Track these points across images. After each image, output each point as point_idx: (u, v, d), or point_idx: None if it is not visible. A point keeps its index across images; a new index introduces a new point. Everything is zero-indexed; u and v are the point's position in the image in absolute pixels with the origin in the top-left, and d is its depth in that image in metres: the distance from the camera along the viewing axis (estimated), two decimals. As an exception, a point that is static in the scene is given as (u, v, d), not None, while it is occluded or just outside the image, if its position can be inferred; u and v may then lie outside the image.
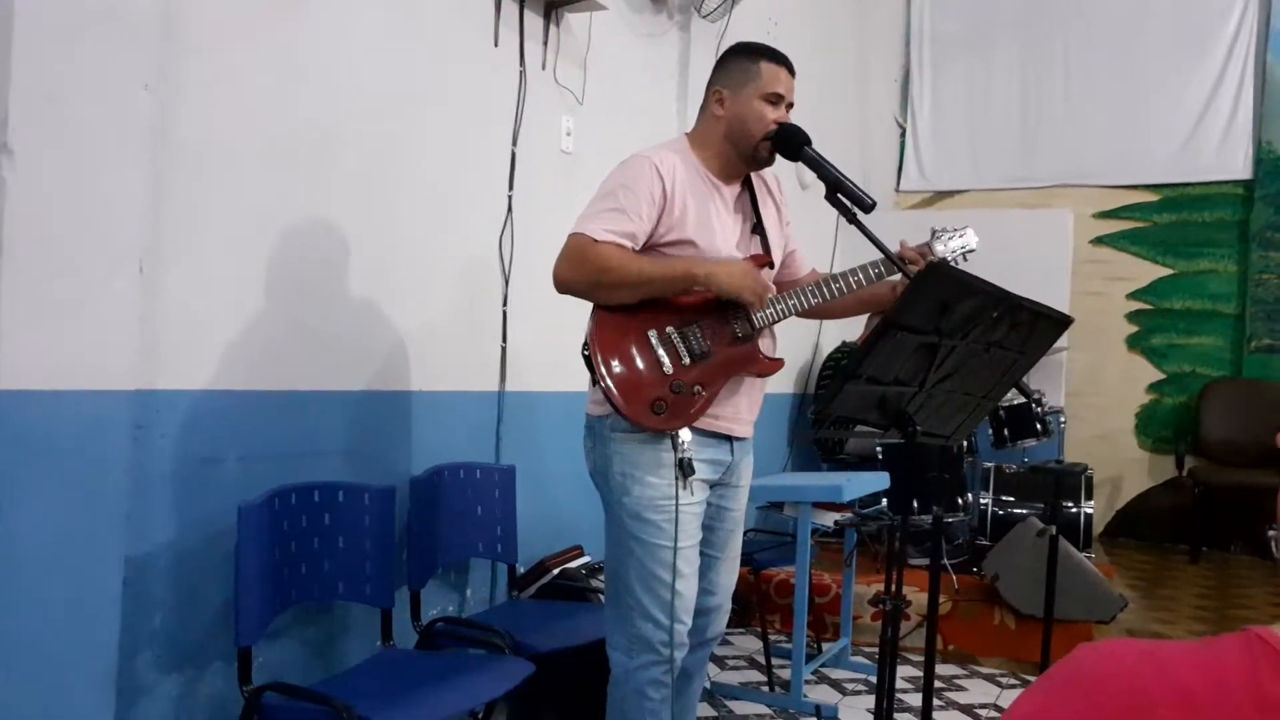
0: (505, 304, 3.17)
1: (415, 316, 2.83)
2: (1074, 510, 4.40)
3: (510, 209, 3.16)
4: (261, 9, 2.36)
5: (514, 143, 3.18)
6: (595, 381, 2.13)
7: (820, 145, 2.21)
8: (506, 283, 3.17)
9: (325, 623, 2.57)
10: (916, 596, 3.67)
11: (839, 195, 2.17)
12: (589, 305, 2.19)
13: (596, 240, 2.07)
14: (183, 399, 2.22)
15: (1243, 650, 0.60)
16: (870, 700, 3.46)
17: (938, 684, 3.58)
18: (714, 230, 2.20)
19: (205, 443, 2.26)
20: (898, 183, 6.53)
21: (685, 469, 2.11)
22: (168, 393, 2.18)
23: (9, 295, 1.85)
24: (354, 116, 2.61)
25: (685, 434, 2.12)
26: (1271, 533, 0.73)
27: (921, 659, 3.75)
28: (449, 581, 2.99)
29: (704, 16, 4.07)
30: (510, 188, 3.17)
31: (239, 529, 2.12)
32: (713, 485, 2.25)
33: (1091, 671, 0.64)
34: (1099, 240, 6.02)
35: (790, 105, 2.25)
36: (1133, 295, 5.97)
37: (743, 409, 2.26)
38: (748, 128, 2.20)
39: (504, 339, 3.18)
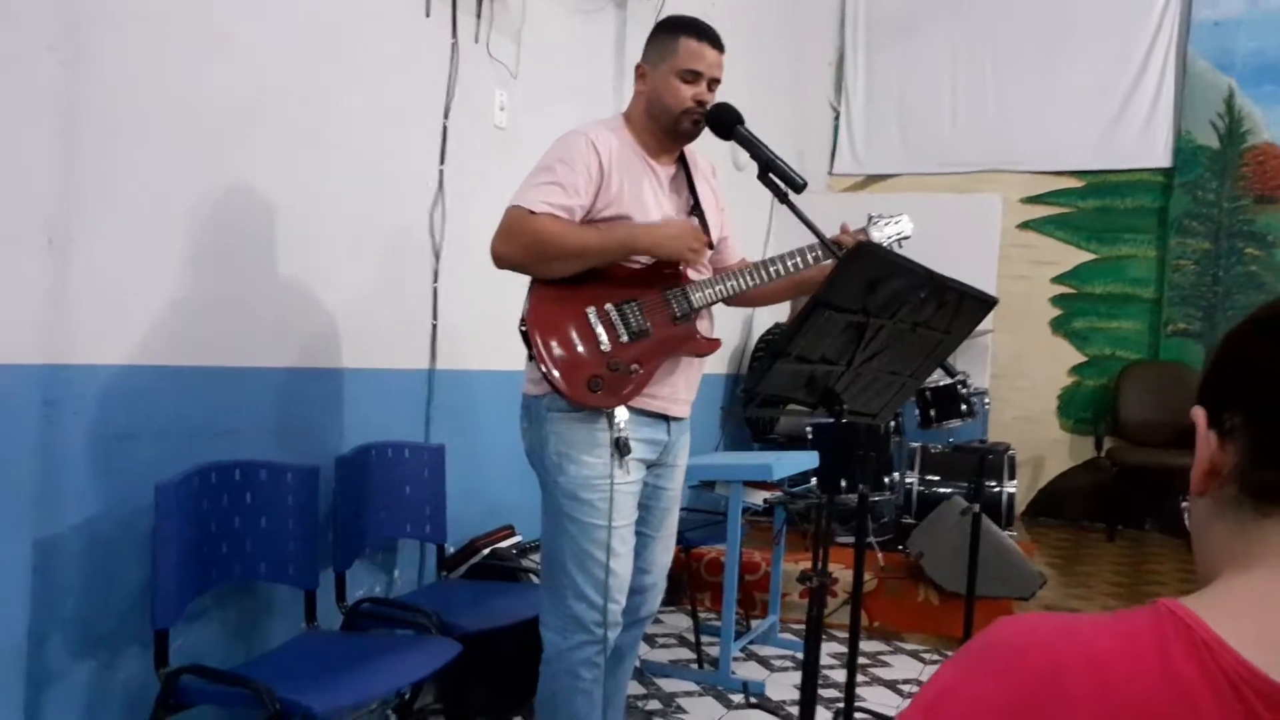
0: (436, 280, 3.12)
1: (343, 292, 2.77)
2: (997, 490, 4.50)
3: (442, 183, 3.11)
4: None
5: (445, 116, 3.12)
6: (532, 358, 2.12)
7: (755, 126, 2.21)
8: (437, 258, 3.12)
9: (247, 604, 2.51)
10: (843, 574, 3.72)
11: (771, 175, 2.18)
12: (524, 283, 2.17)
13: (534, 212, 2.06)
14: (97, 374, 2.14)
15: (1152, 622, 0.62)
16: (798, 677, 3.51)
17: (863, 660, 3.65)
18: (649, 208, 2.19)
19: (122, 420, 2.18)
20: (831, 165, 6.59)
21: (621, 448, 2.11)
22: (81, 368, 2.10)
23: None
24: (278, 85, 2.53)
25: (622, 413, 2.12)
26: (1184, 504, 0.75)
27: (846, 635, 3.82)
28: (376, 562, 2.95)
29: (639, -7, 4.04)
30: (442, 162, 3.12)
31: (156, 508, 2.06)
32: (649, 465, 2.25)
33: (1009, 643, 0.65)
34: (1025, 225, 6.15)
35: (715, 81, 2.23)
36: (1057, 279, 6.12)
37: (680, 389, 2.26)
38: (664, 103, 2.20)
39: (435, 316, 3.13)
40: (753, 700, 3.27)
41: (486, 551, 3.08)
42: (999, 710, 0.61)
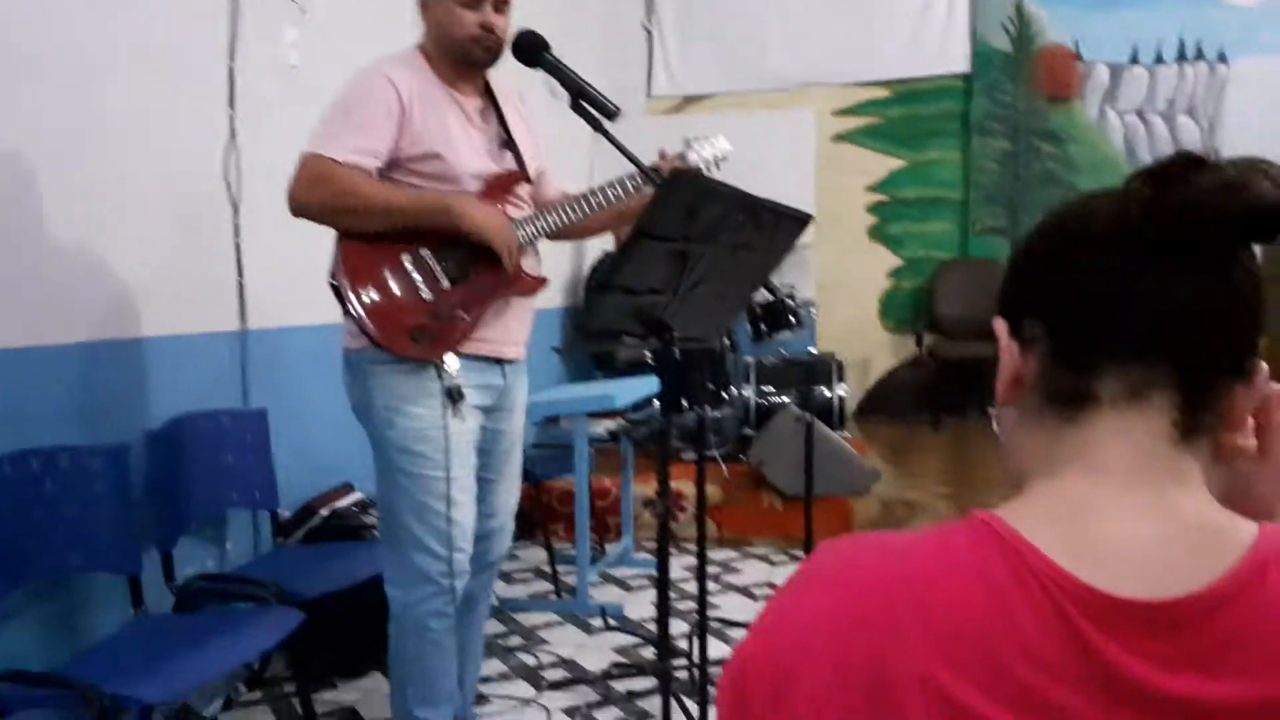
0: (238, 235, 2.93)
1: (134, 255, 2.56)
2: (828, 395, 4.69)
3: (233, 130, 2.90)
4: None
5: (231, 57, 2.90)
6: (347, 312, 2.02)
7: (566, 52, 2.13)
8: (236, 211, 2.92)
9: (64, 598, 2.34)
10: (690, 489, 3.81)
11: (583, 103, 2.11)
12: (334, 232, 2.06)
13: (339, 161, 1.95)
14: None
15: (969, 536, 0.63)
16: (654, 594, 3.59)
17: (714, 569, 3.76)
18: (457, 141, 2.11)
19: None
20: (648, 89, 6.55)
21: (454, 396, 2.05)
22: None
23: None
24: (42, 39, 2.28)
25: (452, 361, 2.06)
26: (992, 411, 0.77)
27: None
28: (205, 537, 2.80)
29: (434, -85, 3.84)
30: (231, 106, 2.90)
31: (-57, 509, 1.87)
32: (486, 410, 2.20)
33: (835, 565, 0.66)
34: (839, 137, 6.31)
35: (503, 3, 2.13)
36: (871, 188, 6.32)
37: (513, 329, 2.22)
38: (449, 33, 2.10)
39: (240, 273, 2.94)
40: (612, 623, 3.33)
41: (325, 513, 2.97)
42: (830, 630, 0.61)
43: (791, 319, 4.68)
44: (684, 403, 4.51)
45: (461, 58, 2.12)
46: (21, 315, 2.25)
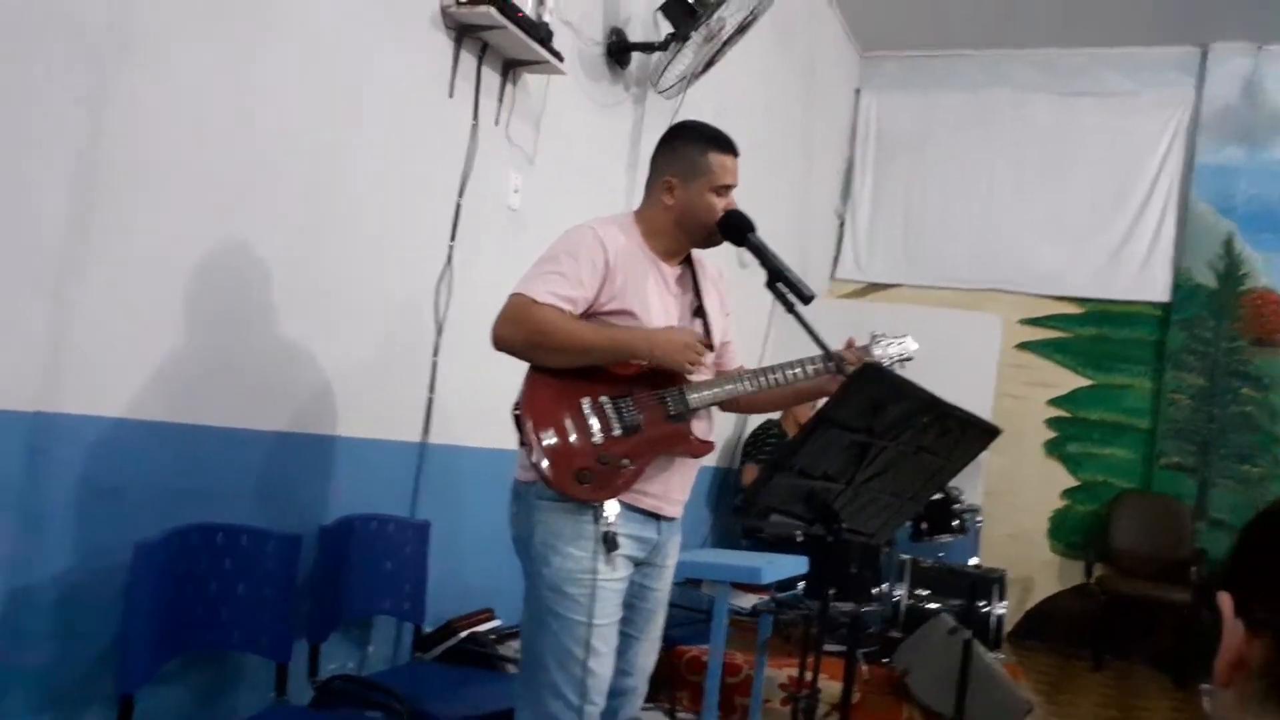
0: (436, 354, 3.11)
1: (340, 359, 2.75)
2: (986, 610, 4.44)
3: (450, 259, 3.13)
4: (217, 33, 2.31)
5: (460, 194, 3.16)
6: (523, 443, 2.09)
7: (762, 228, 2.22)
8: (439, 332, 3.12)
9: (216, 672, 2.43)
10: (826, 684, 3.64)
11: (779, 285, 2.18)
12: (523, 364, 2.16)
13: (537, 301, 2.06)
14: (87, 426, 2.11)
15: None
16: (771, 790, 3.40)
17: (839, 777, 3.53)
18: (651, 305, 2.19)
19: (107, 473, 2.15)
20: (833, 271, 6.66)
21: (608, 543, 2.07)
22: (72, 417, 2.07)
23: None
24: (297, 148, 2.56)
25: (611, 507, 2.09)
26: (1205, 689, 0.72)
27: (827, 752, 3.71)
28: (351, 637, 2.87)
29: (660, 92, 4.13)
30: (452, 238, 3.14)
31: (133, 567, 2.00)
32: (637, 563, 2.20)
33: None
34: (1024, 346, 6.20)
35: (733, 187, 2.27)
36: (1053, 402, 6.13)
37: (674, 488, 2.23)
38: (699, 218, 2.23)
39: (431, 389, 3.11)
40: (724, 813, 3.16)
41: (464, 635, 3.00)
42: None
43: (956, 522, 4.55)
44: (831, 591, 4.37)
45: (702, 240, 2.26)
46: (234, 397, 2.44)
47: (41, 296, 1.95)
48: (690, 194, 2.22)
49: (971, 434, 2.07)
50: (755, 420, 5.51)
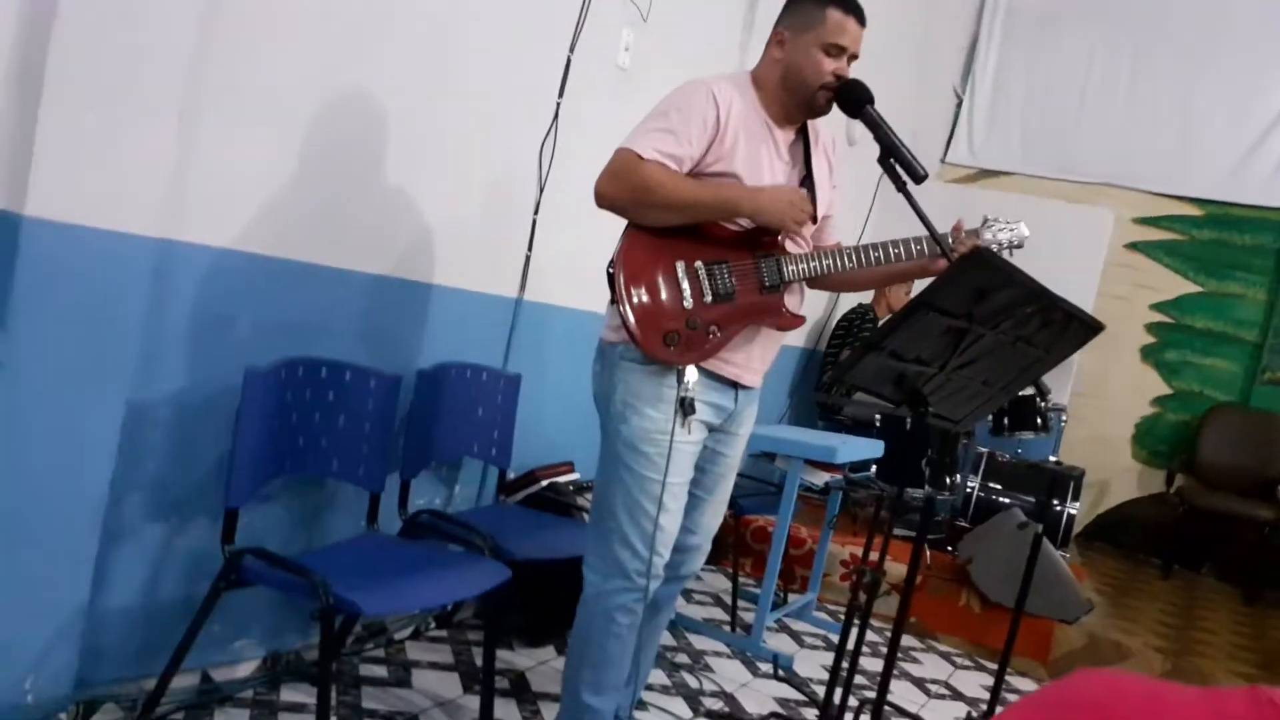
0: (537, 212, 3.14)
1: (445, 210, 2.80)
2: (1058, 509, 4.43)
3: (556, 117, 3.11)
4: None
5: (571, 50, 3.11)
6: (613, 302, 2.11)
7: (875, 101, 2.14)
8: (541, 191, 3.13)
9: (314, 497, 2.59)
10: (890, 565, 3.71)
11: (892, 161, 2.12)
12: (619, 226, 2.16)
13: (643, 157, 2.04)
14: (204, 254, 2.21)
15: (1251, 708, 0.60)
16: (826, 657, 3.53)
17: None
18: (762, 172, 2.16)
19: (221, 301, 2.25)
20: (944, 154, 6.42)
21: (686, 408, 2.10)
22: (190, 246, 2.17)
23: (46, 125, 1.83)
24: (410, 2, 2.54)
25: (691, 373, 2.11)
26: None
27: (880, 625, 3.82)
28: (440, 476, 3.02)
29: (783, -51, 3.95)
30: (560, 95, 3.11)
31: (243, 391, 2.12)
32: (711, 429, 2.25)
33: (1093, 701, 0.63)
34: (1133, 246, 5.95)
35: (854, 57, 2.18)
36: (1156, 306, 5.92)
37: (755, 358, 2.24)
38: (803, 75, 2.14)
39: (530, 247, 3.15)
40: (780, 673, 3.30)
41: (545, 484, 3.13)
42: None
43: (1039, 420, 4.48)
44: (902, 475, 4.40)
45: (805, 100, 2.17)
46: (340, 238, 2.51)
47: (168, 127, 2.00)
48: (798, 48, 2.14)
49: (1074, 328, 2.02)
50: (845, 304, 5.46)
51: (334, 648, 2.33)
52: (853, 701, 3.00)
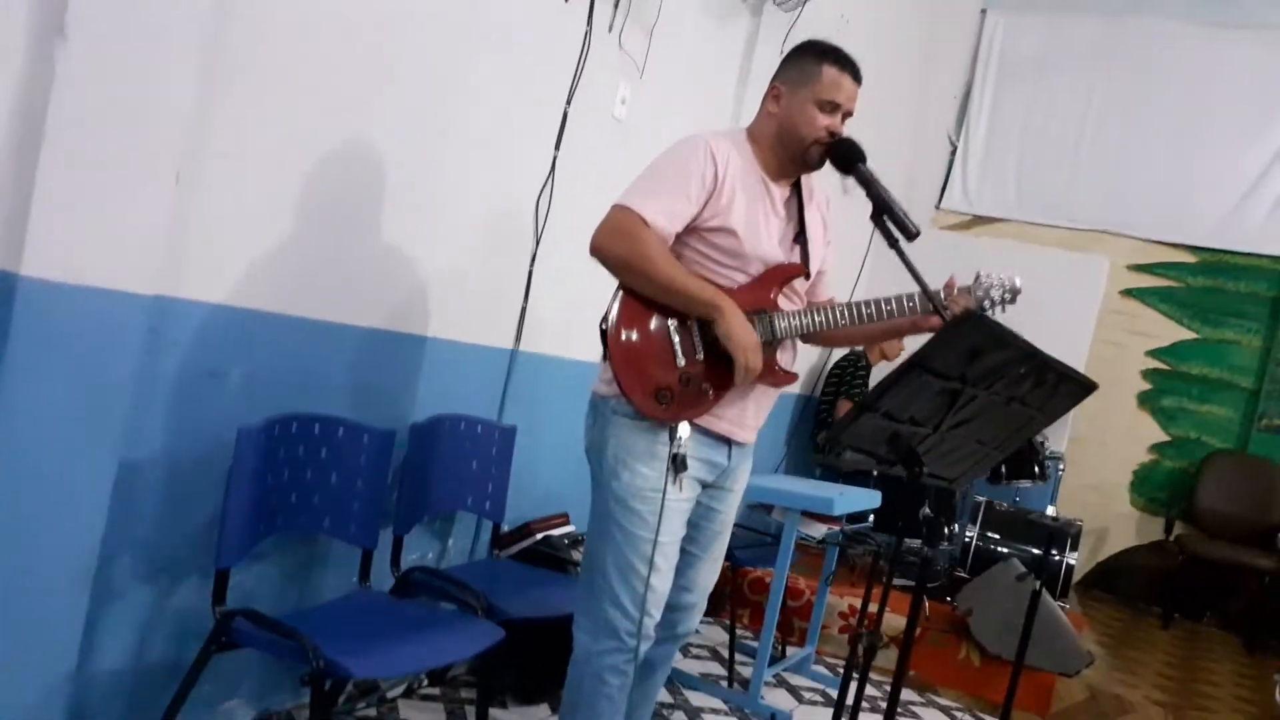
0: (533, 263, 3.15)
1: (441, 262, 2.80)
2: (1057, 559, 4.40)
3: (554, 168, 3.13)
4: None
5: (568, 102, 3.14)
6: (606, 359, 2.11)
7: (870, 149, 2.15)
8: (538, 242, 3.14)
9: (305, 554, 2.57)
10: (887, 617, 3.68)
11: (884, 219, 2.13)
12: (615, 280, 2.16)
13: (647, 220, 2.03)
14: (198, 310, 2.20)
15: None
16: (825, 713, 3.48)
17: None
18: (759, 227, 2.16)
19: (214, 358, 2.25)
20: (939, 200, 6.47)
21: (678, 464, 2.09)
22: (185, 302, 2.16)
23: (45, 184, 1.83)
24: (412, 51, 2.56)
25: (685, 429, 2.10)
26: (1278, 677, 0.72)
27: (881, 679, 3.78)
28: (433, 530, 2.99)
29: (778, 4, 4.01)
30: (557, 147, 3.13)
31: (236, 450, 2.11)
32: (705, 485, 2.23)
33: None
34: (1129, 292, 5.98)
35: (849, 114, 2.20)
36: (1152, 353, 5.93)
37: (749, 414, 2.24)
38: (798, 130, 2.16)
39: (526, 298, 3.15)
40: (777, 730, 3.26)
41: (539, 537, 3.11)
42: None
43: (1036, 469, 4.47)
44: (902, 527, 4.38)
45: (798, 155, 2.18)
46: (337, 292, 2.51)
47: (167, 185, 2.01)
48: (794, 102, 2.16)
49: (1067, 387, 2.01)
50: (839, 350, 5.47)
51: (325, 709, 2.29)
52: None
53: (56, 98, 1.83)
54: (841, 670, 2.78)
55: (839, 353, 5.46)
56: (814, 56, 2.18)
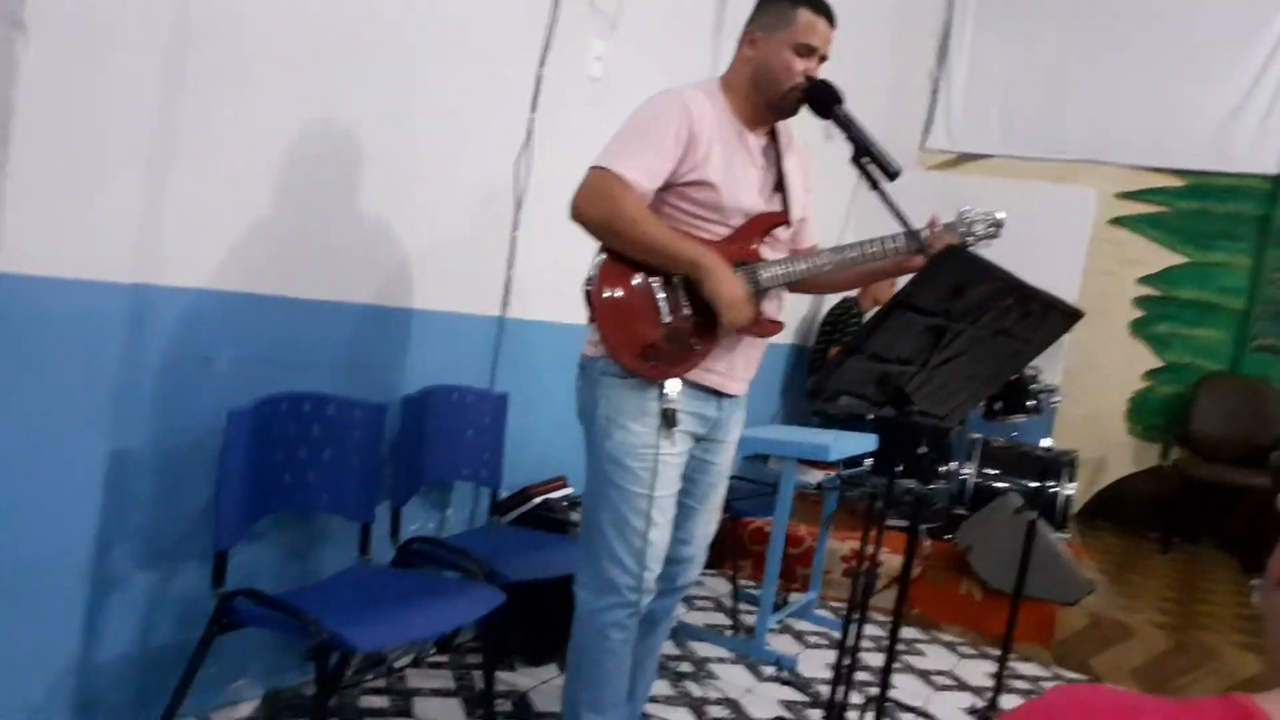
0: (516, 229, 3.13)
1: (423, 234, 2.79)
2: (1054, 490, 4.43)
3: (531, 132, 3.10)
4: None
5: (541, 64, 3.10)
6: (592, 320, 2.11)
7: (851, 94, 2.13)
8: (519, 208, 3.12)
9: (304, 532, 2.58)
10: (888, 558, 3.72)
11: (864, 160, 2.11)
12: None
13: (626, 180, 2.01)
14: (181, 296, 2.19)
15: (1222, 716, 0.60)
16: (830, 655, 3.52)
17: (897, 646, 3.64)
18: (737, 178, 2.14)
19: (200, 342, 2.24)
20: (923, 141, 6.42)
21: (668, 420, 2.10)
22: (167, 289, 2.15)
23: (14, 179, 1.82)
24: (379, 24, 2.53)
25: (674, 384, 2.10)
26: (1254, 584, 0.73)
27: (885, 619, 3.82)
28: (430, 500, 3.00)
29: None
30: (533, 110, 3.10)
31: (227, 433, 2.11)
32: (698, 438, 2.24)
33: (1074, 717, 0.64)
34: (1117, 221, 5.96)
35: (824, 58, 2.18)
36: (1143, 280, 5.93)
37: (738, 366, 2.24)
38: (774, 76, 2.14)
39: (510, 265, 3.14)
40: (784, 675, 3.30)
41: (538, 501, 3.12)
42: None
43: (1031, 402, 4.50)
44: (898, 468, 4.40)
45: (775, 101, 2.16)
46: (321, 271, 2.50)
47: (138, 173, 1.99)
48: (769, 48, 2.13)
49: (1053, 317, 2.02)
50: (831, 299, 5.45)
51: (332, 683, 2.31)
52: (860, 699, 3.00)
53: (22, 88, 1.80)
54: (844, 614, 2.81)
55: (831, 301, 5.45)
56: (788, 1, 2.15)
